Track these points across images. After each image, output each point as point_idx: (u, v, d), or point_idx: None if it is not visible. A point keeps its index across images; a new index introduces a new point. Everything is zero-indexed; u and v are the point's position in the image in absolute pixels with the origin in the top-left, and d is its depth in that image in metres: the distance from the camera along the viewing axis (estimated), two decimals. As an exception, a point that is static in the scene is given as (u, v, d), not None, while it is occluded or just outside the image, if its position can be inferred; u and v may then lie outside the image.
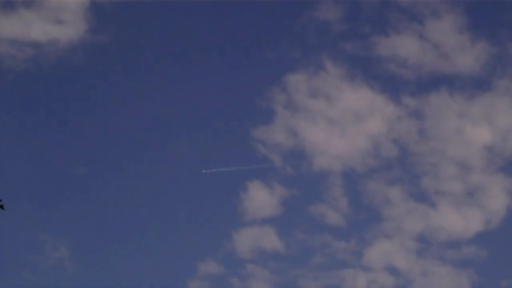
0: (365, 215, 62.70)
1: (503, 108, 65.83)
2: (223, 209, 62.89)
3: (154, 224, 61.43)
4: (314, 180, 63.70)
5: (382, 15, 68.71)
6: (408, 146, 64.93)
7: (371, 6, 68.36)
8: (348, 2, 68.81)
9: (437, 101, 66.13)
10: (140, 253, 59.81)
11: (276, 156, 63.78)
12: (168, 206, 62.49)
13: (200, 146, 65.22)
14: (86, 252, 59.35)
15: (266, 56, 68.58)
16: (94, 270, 58.20)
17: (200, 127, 66.32)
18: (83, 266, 58.47)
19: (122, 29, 67.94)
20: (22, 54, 64.17)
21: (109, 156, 64.20)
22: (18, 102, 64.07)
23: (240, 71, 68.90)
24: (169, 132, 66.21)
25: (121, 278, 57.54)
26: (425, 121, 65.79)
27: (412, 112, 65.92)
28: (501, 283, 58.44)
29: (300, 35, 68.68)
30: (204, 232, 61.85)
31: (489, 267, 60.49)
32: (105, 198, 61.87)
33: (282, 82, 66.44)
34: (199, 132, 66.12)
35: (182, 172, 63.94)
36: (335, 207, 62.20)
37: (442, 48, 67.58)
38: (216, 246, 60.48)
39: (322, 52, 67.74)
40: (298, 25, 68.64)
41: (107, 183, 62.72)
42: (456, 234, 61.26)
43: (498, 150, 64.31)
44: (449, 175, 63.73)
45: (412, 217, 62.21)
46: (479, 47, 67.17)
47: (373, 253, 60.52)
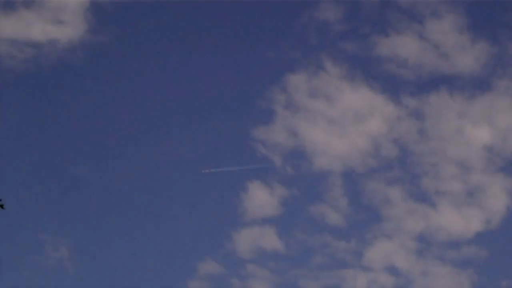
0: (365, 215, 62.80)
1: (503, 108, 65.91)
2: (223, 209, 62.98)
3: (154, 224, 61.53)
4: (314, 180, 63.79)
5: (382, 15, 68.82)
6: (408, 146, 65.01)
7: (371, 6, 68.46)
8: (348, 2, 68.91)
9: (437, 101, 66.22)
10: (140, 253, 59.91)
11: (276, 156, 63.86)
12: (168, 206, 62.58)
13: (200, 146, 65.30)
14: (86, 252, 59.44)
15: (266, 56, 68.71)
16: (94, 270, 58.28)
17: (200, 127, 66.43)
18: (83, 266, 58.56)
19: (122, 29, 68.04)
20: (22, 54, 64.24)
21: (109, 156, 64.31)
22: (18, 102, 64.17)
23: (240, 71, 69.00)
24: (169, 132, 66.34)
25: (121, 278, 57.59)
26: (425, 121, 65.88)
27: (412, 112, 66.02)
28: (501, 283, 58.52)
29: (300, 35, 68.80)
30: (204, 232, 61.93)
31: (489, 267, 60.59)
32: (105, 198, 61.96)
33: (282, 82, 66.54)
34: (199, 132, 66.22)
35: (182, 172, 64.02)
36: (335, 207, 62.28)
37: (442, 48, 67.66)
38: (216, 246, 60.59)
39: (322, 52, 67.84)
40: (298, 25, 68.74)
41: (107, 183, 62.80)
42: (456, 234, 61.32)
43: (498, 150, 64.38)
44: (449, 175, 63.81)
45: (412, 217, 62.28)
46: (479, 47, 67.25)
47: (373, 253, 60.59)
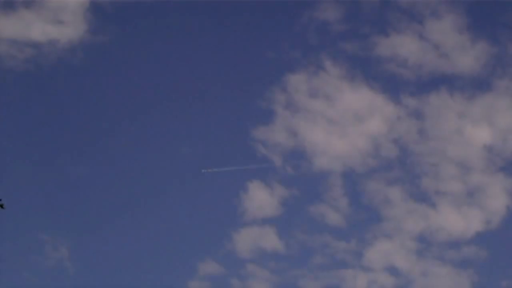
0: (365, 215, 62.75)
1: (503, 108, 65.90)
2: (223, 209, 62.91)
3: (154, 224, 61.50)
4: (314, 180, 63.76)
5: (382, 15, 68.79)
6: (408, 146, 64.99)
7: (371, 6, 68.44)
8: (348, 2, 68.89)
9: (437, 101, 66.20)
10: (140, 253, 59.87)
11: (276, 156, 63.84)
12: (168, 206, 62.54)
13: (200, 146, 65.29)
14: (86, 252, 59.40)
15: (266, 56, 68.66)
16: (94, 270, 58.25)
17: (200, 127, 66.43)
18: (83, 266, 58.51)
19: (122, 29, 68.03)
20: (22, 54, 64.24)
21: (109, 156, 64.28)
22: (18, 102, 64.20)
23: (240, 71, 68.97)
24: (169, 132, 66.31)
25: (121, 278, 57.55)
26: (425, 121, 65.86)
27: (412, 112, 66.00)
28: (501, 283, 58.48)
29: (300, 35, 68.78)
30: (204, 232, 61.84)
31: (489, 267, 60.52)
32: (105, 198, 61.91)
33: (282, 82, 66.52)
34: (199, 132, 66.23)
35: (182, 172, 63.99)
36: (335, 207, 62.26)
37: (442, 48, 67.66)
38: (216, 246, 60.51)
39: (322, 52, 67.82)
40: (298, 25, 68.73)
41: (107, 183, 62.78)
42: (456, 234, 61.29)
43: (498, 150, 64.37)
44: (449, 175, 63.79)
45: (412, 217, 62.25)
46: (479, 47, 67.23)
47: (373, 253, 60.55)
